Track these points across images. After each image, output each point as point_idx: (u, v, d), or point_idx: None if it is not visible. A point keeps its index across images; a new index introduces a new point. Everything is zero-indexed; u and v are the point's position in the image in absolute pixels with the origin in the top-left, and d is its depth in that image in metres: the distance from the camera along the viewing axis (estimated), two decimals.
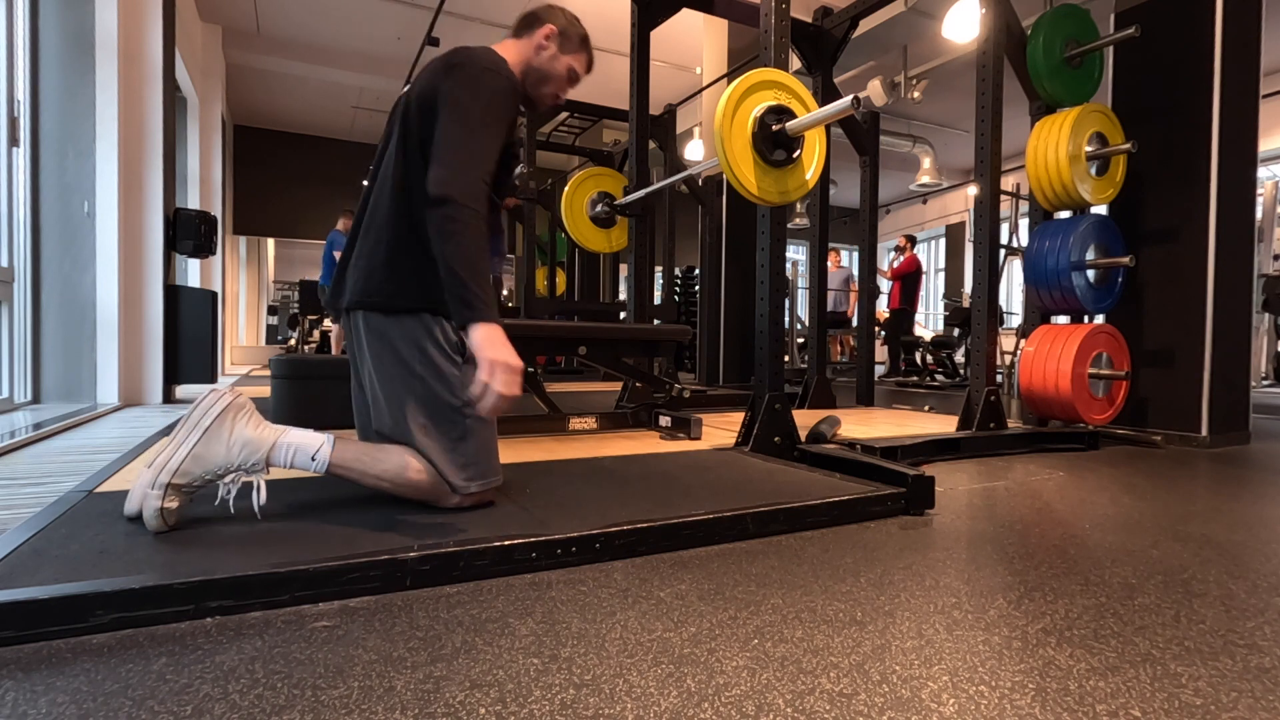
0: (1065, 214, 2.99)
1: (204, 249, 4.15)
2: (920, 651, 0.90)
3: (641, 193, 3.41)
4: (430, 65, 1.43)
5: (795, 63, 3.50)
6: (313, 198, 10.61)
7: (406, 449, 1.40)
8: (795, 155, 2.17)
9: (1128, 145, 2.77)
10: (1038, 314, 3.12)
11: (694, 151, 7.85)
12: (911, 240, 7.94)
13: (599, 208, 4.00)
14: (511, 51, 1.51)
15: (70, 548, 1.13)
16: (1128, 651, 0.91)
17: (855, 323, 5.55)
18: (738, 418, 2.58)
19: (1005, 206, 6.46)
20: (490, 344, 1.24)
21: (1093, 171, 2.84)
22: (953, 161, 10.80)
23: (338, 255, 7.16)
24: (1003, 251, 4.39)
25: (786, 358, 7.25)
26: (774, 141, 2.13)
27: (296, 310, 9.21)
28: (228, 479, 1.27)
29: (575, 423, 2.81)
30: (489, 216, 1.36)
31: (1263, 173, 7.22)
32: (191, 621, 0.95)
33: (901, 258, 7.73)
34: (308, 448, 1.30)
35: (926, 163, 9.27)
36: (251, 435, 1.26)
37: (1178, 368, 2.91)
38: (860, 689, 0.79)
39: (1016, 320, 6.45)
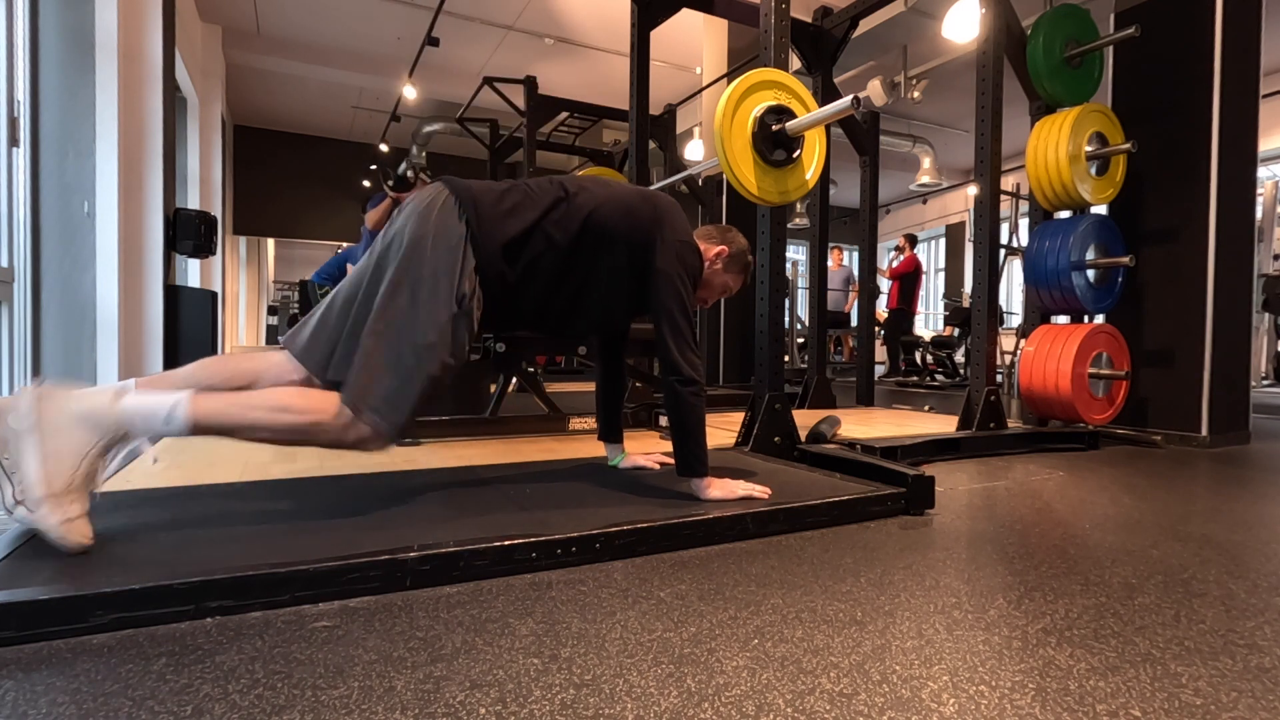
0: (1065, 214, 3.00)
1: (204, 249, 4.15)
2: (920, 651, 0.90)
3: None
4: (634, 199, 1.57)
5: (795, 63, 3.50)
6: (312, 198, 10.61)
7: (279, 387, 1.29)
8: (795, 155, 2.17)
9: (1128, 145, 2.77)
10: (1038, 314, 3.13)
11: (694, 151, 7.85)
12: (911, 240, 7.93)
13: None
14: (701, 246, 1.69)
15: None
16: (1128, 651, 0.91)
17: (855, 322, 5.55)
18: (738, 418, 2.58)
19: (1005, 206, 6.46)
20: (720, 488, 1.55)
21: (1093, 171, 2.84)
22: (953, 161, 10.80)
23: (350, 269, 7.15)
24: (1003, 251, 4.39)
25: (786, 358, 7.25)
26: (774, 141, 2.13)
27: (296, 310, 9.21)
28: (106, 457, 1.17)
29: (575, 423, 2.81)
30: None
31: (1263, 172, 7.22)
32: (191, 621, 0.95)
33: (901, 258, 7.72)
34: (157, 410, 1.16)
35: (926, 163, 9.27)
36: (84, 407, 1.13)
37: (1178, 368, 2.91)
38: (860, 689, 0.79)
39: (1016, 320, 6.45)
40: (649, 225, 1.55)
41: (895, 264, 7.73)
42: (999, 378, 3.41)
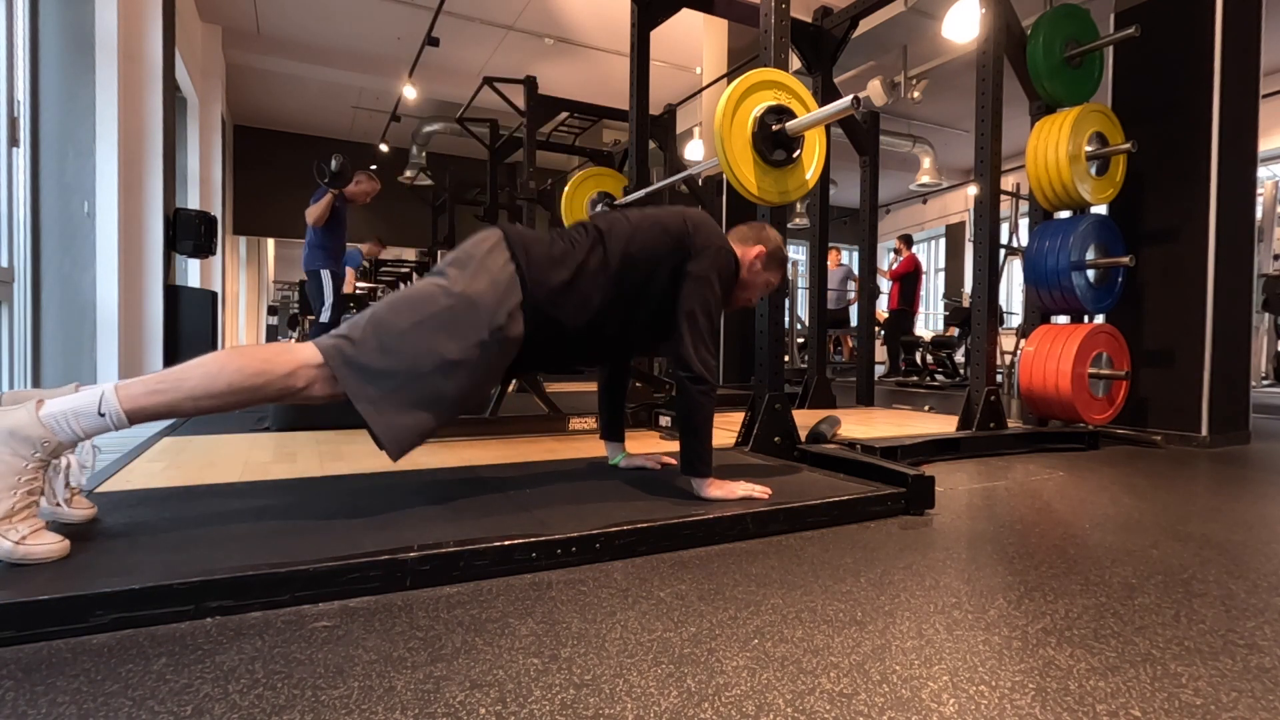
0: (1065, 214, 2.99)
1: (204, 249, 4.15)
2: (920, 651, 0.90)
3: (641, 193, 3.41)
4: (665, 218, 1.63)
5: (795, 63, 3.50)
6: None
7: (212, 354, 1.24)
8: (795, 155, 2.17)
9: (1128, 145, 2.77)
10: (1038, 314, 3.12)
11: (694, 151, 7.85)
12: (907, 241, 7.94)
13: (599, 208, 4.00)
14: (737, 250, 1.73)
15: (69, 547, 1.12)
16: (1128, 651, 0.91)
17: (855, 322, 5.55)
18: (737, 418, 2.58)
19: (1005, 206, 6.45)
20: (720, 488, 1.55)
21: (1093, 171, 2.83)
22: (953, 161, 10.79)
23: (350, 272, 7.14)
24: (1003, 251, 4.39)
25: (786, 358, 7.25)
26: (774, 141, 2.13)
27: (296, 310, 9.21)
28: (49, 471, 1.14)
29: (575, 423, 2.81)
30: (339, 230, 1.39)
31: (1263, 172, 7.22)
32: (191, 621, 0.95)
33: (899, 259, 7.73)
34: (87, 407, 1.11)
35: (926, 163, 9.27)
36: (7, 424, 1.07)
37: (1178, 368, 2.91)
38: (860, 689, 0.79)
39: (1016, 320, 6.45)
40: (683, 239, 1.60)
41: (894, 266, 7.73)
42: (999, 378, 3.41)
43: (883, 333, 7.72)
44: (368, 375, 1.29)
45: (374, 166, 10.49)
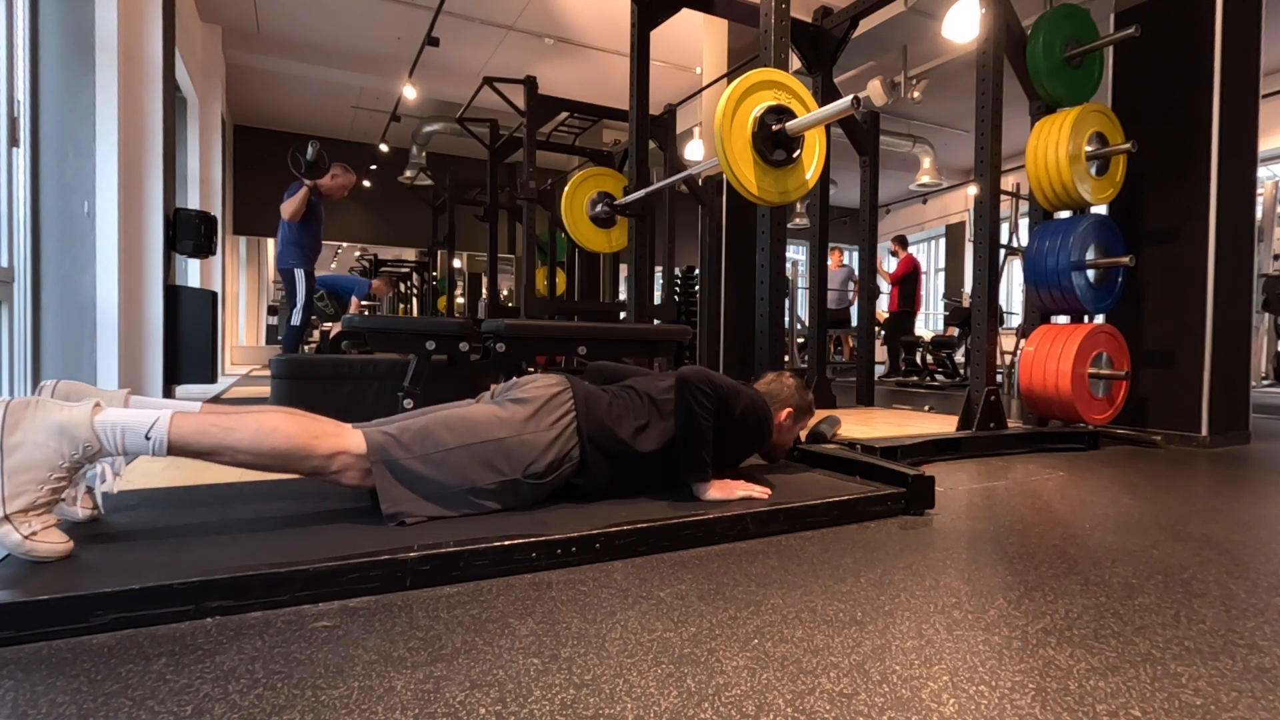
0: (1065, 214, 2.99)
1: (204, 249, 4.15)
2: (920, 651, 0.90)
3: (641, 193, 3.41)
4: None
5: (795, 63, 3.50)
6: None
7: (267, 409, 1.26)
8: (795, 155, 2.17)
9: (1128, 145, 2.77)
10: (1038, 314, 3.12)
11: (694, 151, 7.85)
12: (902, 242, 7.94)
13: (599, 208, 4.00)
14: (777, 413, 1.83)
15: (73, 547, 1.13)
16: (1128, 651, 0.91)
17: (855, 322, 5.55)
18: None
19: (1005, 206, 6.45)
20: (719, 488, 1.55)
21: (1093, 171, 2.83)
22: (953, 161, 10.79)
23: (354, 300, 7.15)
24: (1003, 251, 4.39)
25: (786, 357, 7.25)
26: (774, 141, 2.13)
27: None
28: (79, 474, 1.14)
29: None
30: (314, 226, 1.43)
31: (1263, 172, 7.22)
32: (191, 621, 0.95)
33: (896, 261, 7.73)
34: (137, 426, 1.11)
35: (926, 163, 9.26)
36: (61, 419, 1.08)
37: (1178, 368, 2.91)
38: (860, 689, 0.79)
39: (1016, 320, 6.45)
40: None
41: (893, 269, 7.73)
42: (999, 378, 3.41)
43: (883, 333, 7.72)
44: (401, 477, 1.33)
45: (374, 167, 10.50)
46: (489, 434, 1.41)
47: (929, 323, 12.13)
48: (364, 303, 7.45)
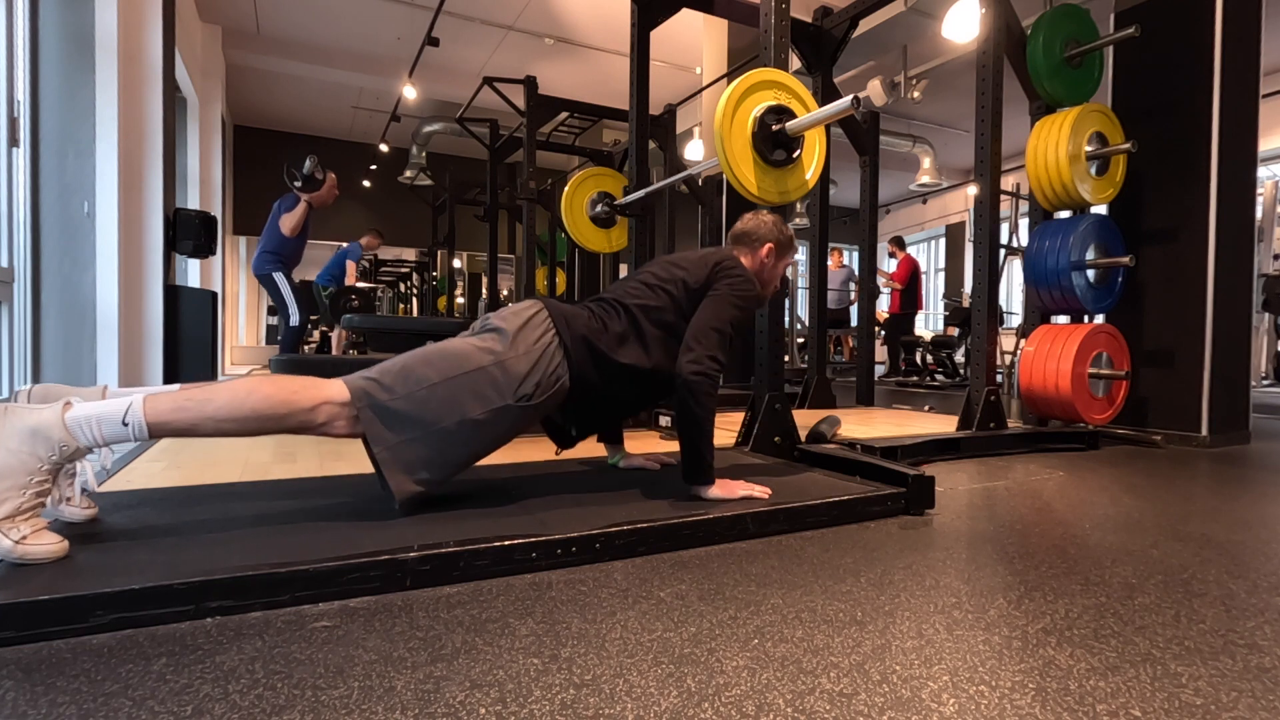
0: (1065, 214, 2.99)
1: (204, 249, 4.15)
2: (920, 651, 0.90)
3: (641, 193, 3.41)
4: (703, 261, 1.70)
5: (795, 63, 3.50)
6: None
7: (243, 379, 1.26)
8: (795, 155, 2.17)
9: (1128, 145, 2.77)
10: (1038, 314, 3.12)
11: (694, 151, 7.85)
12: (899, 243, 7.95)
13: (599, 208, 4.00)
14: (746, 260, 1.82)
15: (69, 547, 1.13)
16: (1128, 651, 0.91)
17: (855, 322, 5.55)
18: (737, 418, 2.58)
19: (1005, 206, 6.45)
20: (720, 488, 1.54)
21: (1093, 171, 2.83)
22: (953, 161, 10.80)
23: (350, 265, 7.16)
24: (1003, 251, 4.39)
25: (786, 358, 7.25)
26: (774, 141, 2.13)
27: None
28: (63, 475, 1.15)
29: None
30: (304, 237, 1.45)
31: (1263, 172, 7.21)
32: (191, 622, 0.95)
33: (895, 263, 7.74)
34: (112, 415, 1.11)
35: (926, 163, 9.27)
36: (32, 422, 1.07)
37: (1178, 368, 2.91)
38: (860, 689, 0.79)
39: (1016, 320, 6.45)
40: (709, 280, 1.66)
41: (892, 270, 7.73)
42: (999, 378, 3.41)
43: (883, 333, 7.72)
44: (390, 420, 1.32)
45: (374, 167, 10.50)
46: (472, 364, 1.40)
47: (929, 323, 12.12)
48: (363, 263, 7.44)
